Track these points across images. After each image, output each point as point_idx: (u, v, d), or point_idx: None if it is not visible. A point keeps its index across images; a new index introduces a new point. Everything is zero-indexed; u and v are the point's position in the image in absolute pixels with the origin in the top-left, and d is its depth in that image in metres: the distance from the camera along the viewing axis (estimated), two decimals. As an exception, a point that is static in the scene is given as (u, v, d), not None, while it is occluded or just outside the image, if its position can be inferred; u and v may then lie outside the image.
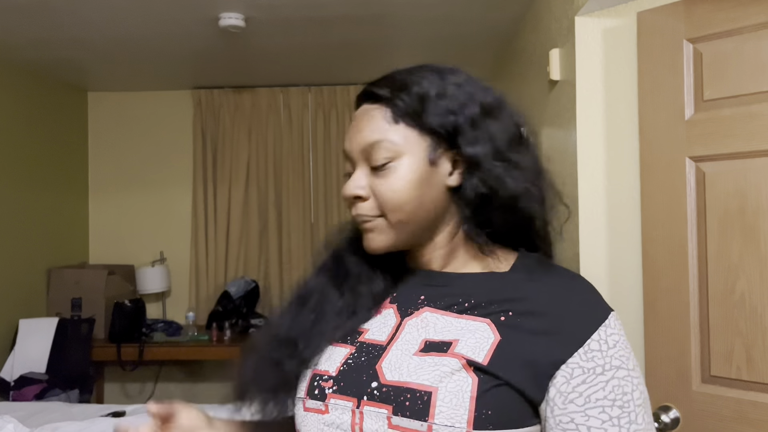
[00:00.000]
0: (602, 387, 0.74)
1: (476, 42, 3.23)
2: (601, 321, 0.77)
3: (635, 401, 0.74)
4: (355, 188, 0.82)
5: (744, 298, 1.43)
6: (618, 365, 0.75)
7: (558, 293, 0.79)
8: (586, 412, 0.73)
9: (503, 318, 0.77)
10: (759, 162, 1.42)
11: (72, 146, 4.10)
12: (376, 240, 0.82)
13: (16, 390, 3.12)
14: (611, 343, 0.76)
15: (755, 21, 1.43)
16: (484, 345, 0.75)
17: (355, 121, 0.85)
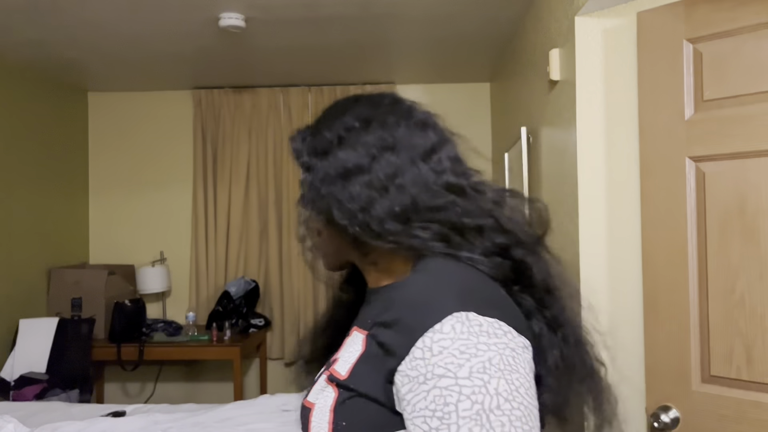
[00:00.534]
0: (424, 396, 0.70)
1: (476, 42, 3.23)
2: (429, 325, 0.71)
3: (459, 413, 0.67)
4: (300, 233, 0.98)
5: (744, 298, 1.43)
6: (441, 374, 0.69)
7: (403, 299, 0.76)
8: (413, 420, 0.70)
9: (373, 330, 0.78)
10: (759, 162, 1.42)
11: (72, 146, 4.10)
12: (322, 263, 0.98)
13: (16, 390, 3.12)
14: (436, 350, 0.70)
15: (755, 21, 1.43)
16: (352, 359, 0.79)
17: None
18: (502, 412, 0.67)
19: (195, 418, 2.37)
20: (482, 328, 0.71)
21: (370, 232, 0.81)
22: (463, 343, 0.70)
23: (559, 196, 2.12)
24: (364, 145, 0.83)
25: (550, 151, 2.29)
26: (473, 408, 0.67)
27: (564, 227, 2.04)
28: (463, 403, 0.67)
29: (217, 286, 4.08)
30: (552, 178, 2.24)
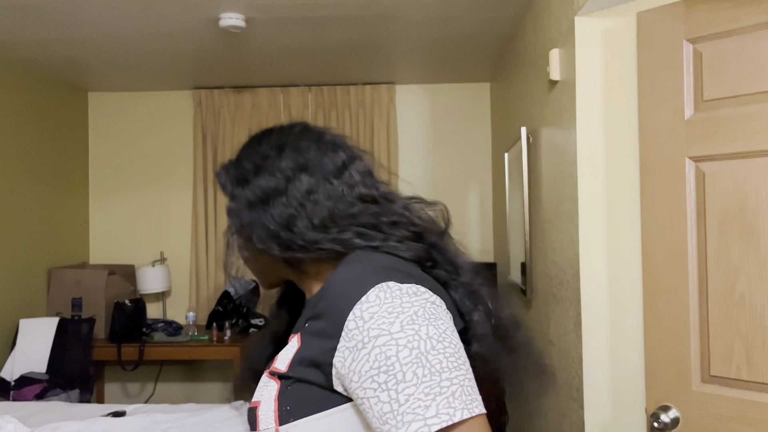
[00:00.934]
0: (366, 359, 0.76)
1: (476, 42, 3.23)
2: (356, 299, 0.80)
3: (401, 361, 0.74)
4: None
5: (744, 298, 1.43)
6: (377, 334, 0.76)
7: (330, 289, 0.84)
8: (362, 385, 0.77)
9: (306, 325, 0.86)
10: (759, 162, 1.42)
11: (72, 146, 4.11)
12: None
13: (16, 390, 3.13)
14: (367, 316, 0.78)
15: (755, 21, 1.43)
16: (289, 355, 0.86)
17: None
18: (437, 351, 0.76)
19: (195, 418, 2.37)
20: (402, 291, 0.80)
21: (296, 246, 0.89)
22: (389, 305, 0.78)
23: (559, 196, 2.12)
24: (279, 170, 0.92)
25: (550, 151, 2.29)
26: (412, 354, 0.75)
27: (564, 227, 2.04)
28: (402, 352, 0.75)
29: (217, 286, 4.08)
30: (552, 178, 2.24)
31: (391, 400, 0.74)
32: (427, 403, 0.72)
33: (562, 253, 2.07)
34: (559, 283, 2.13)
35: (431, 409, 0.71)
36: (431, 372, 0.74)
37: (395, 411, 0.73)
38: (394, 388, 0.74)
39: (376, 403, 0.75)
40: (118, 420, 2.33)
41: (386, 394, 0.74)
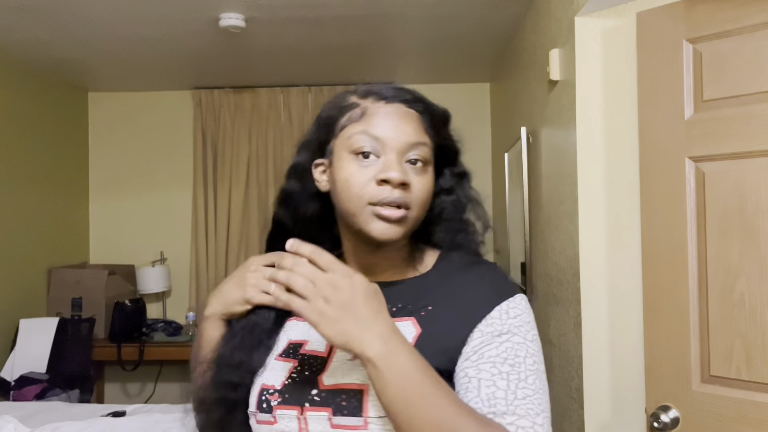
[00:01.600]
0: (496, 347, 0.81)
1: (476, 42, 3.23)
2: (505, 297, 0.85)
3: (527, 365, 0.80)
4: (405, 175, 0.85)
5: (744, 298, 1.43)
6: (515, 332, 0.83)
7: (469, 281, 0.87)
8: (478, 366, 0.80)
9: (423, 313, 0.86)
10: (759, 162, 1.42)
11: (72, 146, 4.10)
12: (394, 230, 0.85)
13: (16, 390, 3.12)
14: (512, 314, 0.84)
15: (755, 21, 1.43)
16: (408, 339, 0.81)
17: (392, 115, 0.88)
18: (544, 374, 0.83)
19: (195, 418, 2.37)
20: (531, 312, 0.88)
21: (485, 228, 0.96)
22: (528, 316, 0.86)
23: (559, 196, 2.12)
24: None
25: (550, 151, 2.29)
26: (534, 366, 0.82)
27: (564, 227, 2.04)
28: (528, 359, 0.81)
29: (217, 286, 4.07)
30: (552, 178, 2.24)
31: (507, 390, 0.78)
32: (537, 410, 0.78)
33: (562, 253, 2.07)
34: (559, 283, 2.13)
35: (540, 417, 0.78)
36: (543, 390, 0.81)
37: (509, 400, 0.77)
38: (514, 382, 0.79)
39: (489, 386, 0.79)
40: (118, 420, 2.33)
41: (505, 383, 0.78)
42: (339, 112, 0.90)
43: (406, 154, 0.86)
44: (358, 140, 0.86)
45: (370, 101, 0.89)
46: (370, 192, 0.84)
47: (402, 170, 0.84)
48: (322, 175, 0.93)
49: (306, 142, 0.95)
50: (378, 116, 0.87)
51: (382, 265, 0.92)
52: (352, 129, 0.87)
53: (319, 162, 0.93)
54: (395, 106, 0.88)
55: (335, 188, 0.88)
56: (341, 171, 0.87)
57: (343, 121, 0.88)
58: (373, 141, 0.85)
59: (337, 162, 0.88)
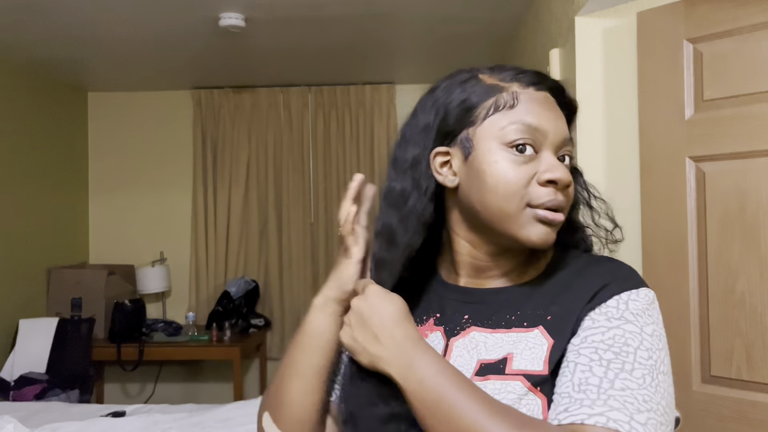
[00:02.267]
0: (602, 332, 0.71)
1: (476, 42, 3.22)
2: (628, 288, 0.74)
3: (637, 356, 0.69)
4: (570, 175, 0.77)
5: (744, 298, 1.43)
6: (629, 320, 0.71)
7: (595, 272, 0.77)
8: (579, 350, 0.71)
9: (550, 318, 0.75)
10: (759, 162, 1.42)
11: (72, 146, 4.10)
12: (553, 236, 0.77)
13: (16, 390, 3.12)
14: (631, 305, 0.73)
15: (755, 21, 1.43)
16: (540, 352, 0.73)
17: (547, 105, 0.78)
18: (664, 379, 0.72)
19: (195, 418, 2.37)
20: (658, 311, 0.76)
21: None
22: (653, 312, 0.74)
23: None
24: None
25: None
26: (649, 361, 0.70)
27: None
28: (642, 352, 0.70)
29: (217, 286, 4.07)
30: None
31: (604, 377, 0.67)
32: (640, 408, 0.66)
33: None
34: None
35: (642, 416, 0.66)
36: (656, 389, 0.69)
37: (603, 388, 0.67)
38: (615, 370, 0.67)
39: (584, 371, 0.68)
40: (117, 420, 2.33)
41: (602, 370, 0.68)
42: (480, 96, 0.77)
43: (560, 150, 0.77)
44: (514, 131, 0.75)
45: (517, 86, 0.77)
46: (533, 193, 0.74)
47: (565, 169, 0.76)
48: (443, 167, 0.79)
49: (420, 130, 0.81)
50: (532, 104, 0.76)
51: (503, 268, 0.82)
52: (504, 118, 0.76)
53: (442, 151, 0.79)
54: (545, 94, 0.79)
55: (480, 185, 0.76)
56: (493, 166, 0.75)
57: (487, 107, 0.76)
58: (531, 133, 0.75)
59: (484, 155, 0.76)
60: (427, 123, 0.80)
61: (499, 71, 0.80)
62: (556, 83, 0.81)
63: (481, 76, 0.80)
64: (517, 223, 0.75)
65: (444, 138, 0.79)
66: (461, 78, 0.80)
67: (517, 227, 0.75)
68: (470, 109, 0.77)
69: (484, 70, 0.81)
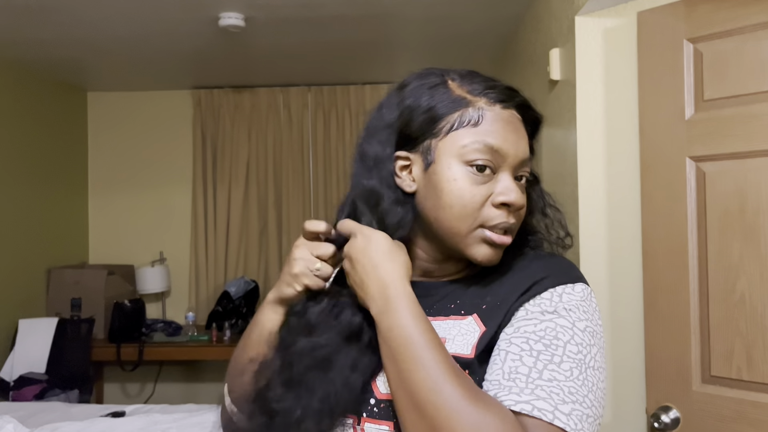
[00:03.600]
0: (535, 324, 0.73)
1: (476, 42, 3.22)
2: (564, 282, 0.76)
3: (566, 350, 0.70)
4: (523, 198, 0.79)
5: (744, 298, 1.43)
6: (562, 314, 0.73)
7: (534, 265, 0.80)
8: (511, 339, 0.73)
9: (484, 307, 0.78)
10: (759, 162, 1.41)
11: (72, 146, 4.10)
12: (498, 256, 0.79)
13: (15, 390, 3.12)
14: (565, 299, 0.75)
15: (755, 21, 1.43)
16: (471, 339, 0.76)
17: (510, 124, 0.78)
18: (593, 374, 0.72)
19: (194, 418, 2.37)
20: (597, 307, 0.78)
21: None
22: (588, 307, 0.76)
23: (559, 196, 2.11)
24: None
25: (550, 151, 2.29)
26: (578, 355, 0.71)
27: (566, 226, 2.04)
28: (572, 346, 0.71)
29: (216, 286, 4.07)
30: (552, 178, 2.24)
31: (533, 367, 0.69)
32: (565, 399, 0.68)
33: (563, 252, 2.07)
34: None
35: (566, 407, 0.67)
36: (583, 382, 0.70)
37: (531, 378, 0.69)
38: (543, 362, 0.69)
39: (514, 360, 0.70)
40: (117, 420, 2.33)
41: (532, 360, 0.70)
42: (445, 107, 0.77)
43: (518, 170, 0.79)
44: (475, 151, 0.76)
45: (484, 102, 0.78)
46: (486, 215, 0.77)
47: (520, 192, 0.78)
48: (403, 171, 0.81)
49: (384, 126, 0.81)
50: (497, 124, 0.77)
51: (448, 270, 0.84)
52: (467, 136, 0.76)
53: (403, 156, 0.80)
54: (511, 112, 0.79)
55: (437, 199, 0.77)
56: (452, 183, 0.76)
57: (452, 121, 0.77)
58: (491, 154, 0.76)
59: (443, 170, 0.77)
60: (391, 122, 0.80)
61: (469, 81, 0.80)
62: (524, 100, 0.81)
63: (450, 83, 0.80)
64: (465, 241, 0.78)
65: (406, 142, 0.80)
66: (431, 82, 0.80)
67: (465, 245, 0.78)
68: (435, 120, 0.78)
69: (455, 76, 0.81)
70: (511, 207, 0.77)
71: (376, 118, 0.83)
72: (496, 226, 0.77)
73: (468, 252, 0.78)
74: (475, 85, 0.79)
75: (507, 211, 0.77)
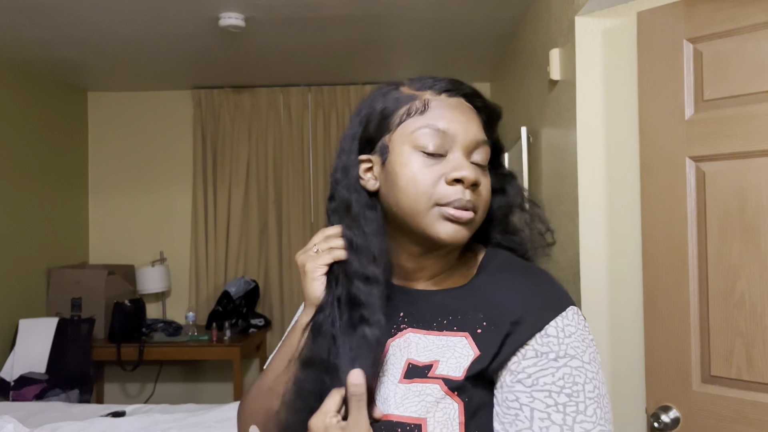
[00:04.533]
0: (552, 373, 0.74)
1: (476, 42, 3.22)
2: (559, 310, 0.77)
3: (586, 393, 0.73)
4: (477, 174, 0.79)
5: (744, 298, 1.43)
6: (573, 354, 0.75)
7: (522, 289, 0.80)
8: (532, 393, 0.73)
9: (479, 330, 0.78)
10: (759, 162, 1.42)
11: (72, 146, 4.10)
12: (462, 233, 0.79)
13: (16, 390, 3.12)
14: (568, 332, 0.76)
15: (755, 21, 1.43)
16: (464, 361, 0.76)
17: (457, 109, 0.81)
18: (605, 397, 0.76)
19: (194, 418, 2.37)
20: (586, 324, 0.80)
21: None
22: (583, 333, 0.78)
23: (559, 196, 2.12)
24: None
25: (550, 151, 2.29)
26: (595, 391, 0.74)
27: (564, 227, 2.04)
28: (588, 385, 0.74)
29: (216, 286, 4.07)
30: (552, 178, 2.24)
31: (564, 425, 0.72)
32: None
33: (562, 253, 2.07)
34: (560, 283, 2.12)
35: None
36: (605, 418, 0.74)
37: None
38: (572, 415, 0.72)
39: (543, 419, 0.72)
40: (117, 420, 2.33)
41: (560, 416, 0.72)
42: (395, 104, 0.82)
43: (472, 153, 0.81)
44: (423, 135, 0.79)
45: (430, 93, 0.82)
46: (440, 192, 0.78)
47: (474, 169, 0.79)
48: (367, 173, 0.84)
49: (350, 139, 0.86)
50: (443, 109, 0.80)
51: (429, 270, 0.85)
52: (414, 122, 0.80)
53: (364, 158, 0.84)
54: (458, 99, 0.83)
55: (393, 187, 0.80)
56: (404, 168, 0.79)
57: (401, 114, 0.81)
58: (439, 136, 0.79)
59: (396, 158, 0.80)
60: (354, 132, 0.85)
61: (417, 81, 0.85)
62: (471, 89, 0.85)
63: (401, 87, 0.85)
64: (426, 220, 0.78)
65: (366, 146, 0.84)
66: (384, 90, 0.86)
67: (426, 224, 0.78)
68: (387, 117, 0.82)
69: (406, 81, 0.86)
70: (464, 182, 0.78)
71: (345, 135, 0.88)
72: (451, 203, 0.78)
73: (431, 232, 0.78)
74: (422, 82, 0.84)
75: (461, 186, 0.78)
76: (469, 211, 0.79)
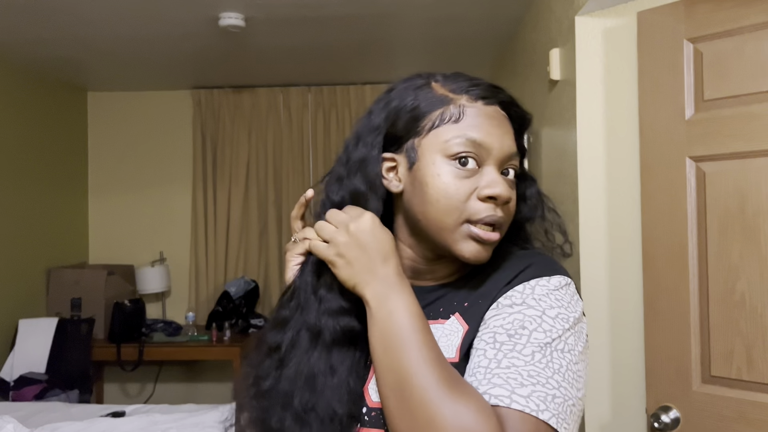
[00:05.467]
0: (503, 317, 0.73)
1: (476, 42, 3.22)
2: (539, 275, 0.76)
3: (531, 339, 0.70)
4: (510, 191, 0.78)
5: (744, 298, 1.43)
6: (531, 305, 0.73)
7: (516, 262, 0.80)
8: (481, 336, 0.73)
9: (466, 304, 0.79)
10: (759, 162, 1.41)
11: (72, 146, 4.10)
12: (487, 253, 0.78)
13: (15, 390, 3.12)
14: (537, 290, 0.74)
15: (755, 21, 1.43)
16: (455, 339, 0.77)
17: (493, 119, 0.79)
18: (565, 357, 0.71)
19: (194, 418, 2.37)
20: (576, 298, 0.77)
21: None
22: (562, 296, 0.75)
23: (559, 196, 2.12)
24: None
25: (550, 151, 2.29)
26: (545, 340, 0.70)
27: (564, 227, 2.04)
28: (538, 333, 0.71)
29: (216, 286, 4.07)
30: (552, 178, 2.24)
31: (493, 359, 0.69)
32: (523, 382, 0.67)
33: (562, 253, 2.07)
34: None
35: (525, 389, 0.67)
36: (546, 365, 0.69)
37: (489, 369, 0.69)
38: (504, 351, 0.69)
39: (479, 356, 0.71)
40: (117, 420, 2.33)
41: (494, 352, 0.70)
42: (427, 105, 0.78)
43: (501, 167, 0.78)
44: (457, 145, 0.76)
45: (465, 99, 0.78)
46: (472, 208, 0.76)
47: (506, 186, 0.77)
48: (390, 172, 0.81)
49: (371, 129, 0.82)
50: (479, 118, 0.77)
51: (436, 274, 0.84)
52: (448, 131, 0.77)
53: (389, 157, 0.81)
54: (494, 108, 0.80)
55: (422, 196, 0.77)
56: (435, 179, 0.76)
57: (433, 119, 0.78)
58: (474, 147, 0.76)
59: (427, 167, 0.77)
60: (378, 124, 0.81)
61: (452, 81, 0.81)
62: (508, 97, 0.82)
63: (434, 84, 0.81)
64: (452, 236, 0.77)
65: (392, 143, 0.81)
66: (416, 83, 0.82)
67: (452, 241, 0.77)
68: (418, 119, 0.79)
69: (439, 77, 0.82)
70: (497, 200, 0.76)
71: (365, 122, 0.84)
72: (482, 219, 0.76)
73: (455, 248, 0.77)
74: (458, 84, 0.80)
75: (494, 204, 0.76)
76: (495, 232, 0.77)
